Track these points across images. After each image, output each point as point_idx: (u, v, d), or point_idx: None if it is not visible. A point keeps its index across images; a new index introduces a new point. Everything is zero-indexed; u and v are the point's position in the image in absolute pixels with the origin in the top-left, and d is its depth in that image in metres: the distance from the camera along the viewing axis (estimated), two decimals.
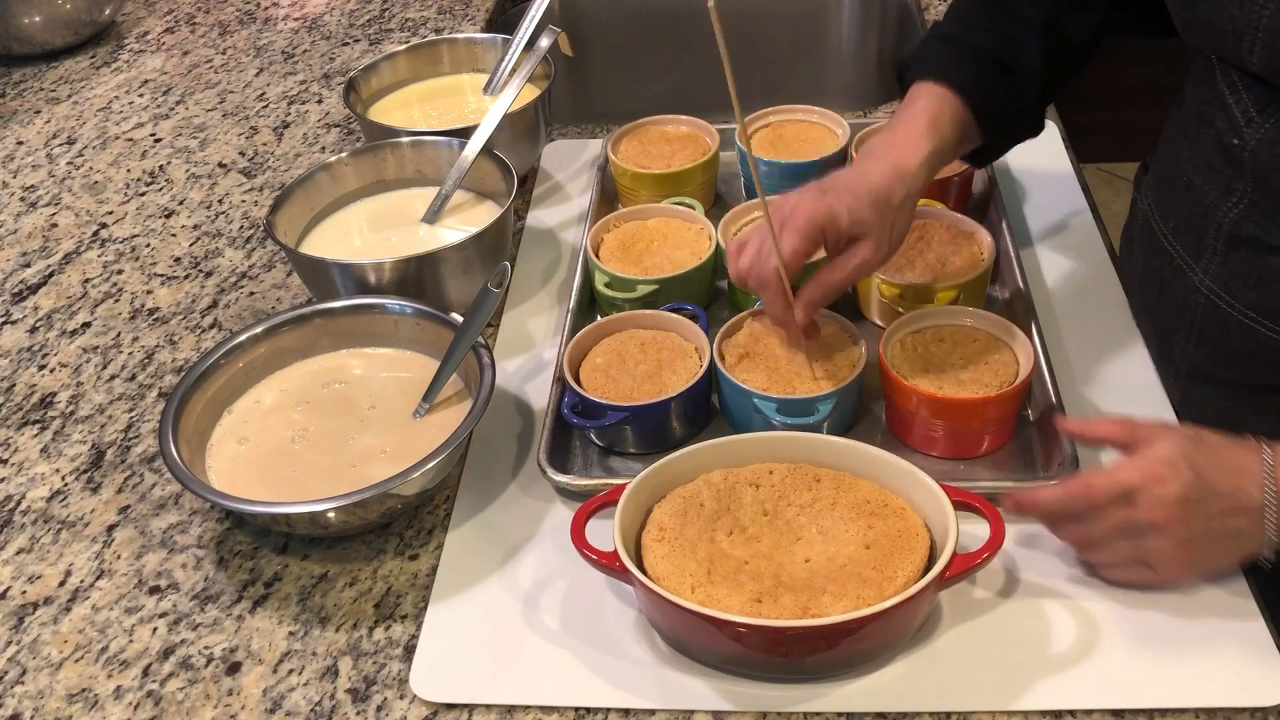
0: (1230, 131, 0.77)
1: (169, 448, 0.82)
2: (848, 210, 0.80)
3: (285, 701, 0.75)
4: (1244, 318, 0.80)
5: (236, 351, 0.91)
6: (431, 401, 0.89)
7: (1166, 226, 0.87)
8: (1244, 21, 0.73)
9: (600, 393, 0.89)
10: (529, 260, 1.12)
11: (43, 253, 1.20)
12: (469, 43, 1.30)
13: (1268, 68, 0.73)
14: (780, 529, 0.77)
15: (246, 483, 0.84)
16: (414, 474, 0.78)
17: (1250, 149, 0.76)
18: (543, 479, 0.87)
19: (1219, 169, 0.80)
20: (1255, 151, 0.75)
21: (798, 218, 0.80)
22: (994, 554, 0.72)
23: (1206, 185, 0.81)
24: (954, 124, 0.85)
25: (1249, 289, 0.79)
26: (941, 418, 0.85)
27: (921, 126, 0.84)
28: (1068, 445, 0.83)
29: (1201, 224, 0.82)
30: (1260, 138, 0.75)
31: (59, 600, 0.83)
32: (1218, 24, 0.75)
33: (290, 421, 0.90)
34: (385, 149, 1.10)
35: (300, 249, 1.04)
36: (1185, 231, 0.84)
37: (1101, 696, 0.71)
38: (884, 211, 0.82)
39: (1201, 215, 0.82)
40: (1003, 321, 0.90)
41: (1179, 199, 0.85)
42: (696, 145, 1.16)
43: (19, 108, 1.47)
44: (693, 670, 0.74)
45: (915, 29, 1.46)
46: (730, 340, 0.92)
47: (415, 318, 0.94)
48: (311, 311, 0.95)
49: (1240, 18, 0.73)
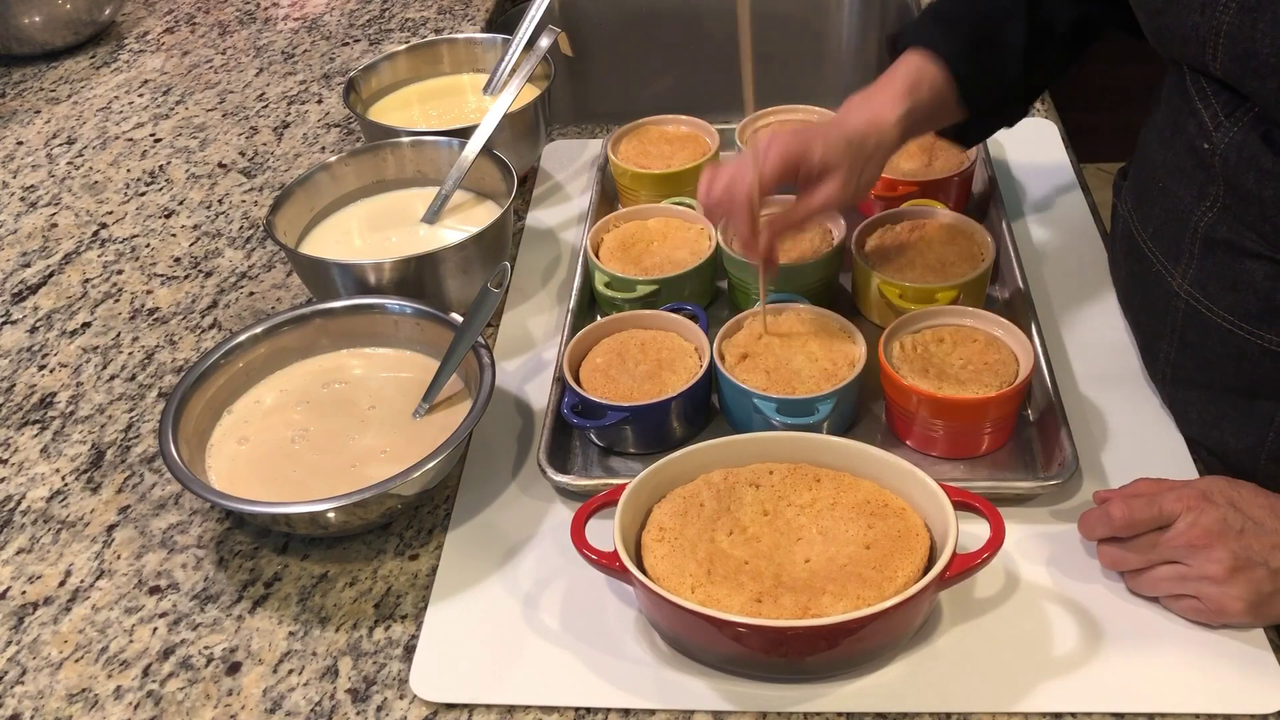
0: (1200, 136, 0.78)
1: (169, 448, 0.82)
2: (822, 145, 0.85)
3: (285, 701, 0.75)
4: (1223, 322, 0.80)
5: (236, 351, 0.91)
6: (431, 401, 0.89)
7: (1145, 232, 0.87)
8: (1206, 28, 0.73)
9: (600, 393, 0.89)
10: (529, 260, 1.12)
11: (43, 253, 1.20)
12: (469, 43, 1.30)
13: (1230, 72, 0.74)
14: (780, 529, 0.77)
15: (246, 483, 0.84)
16: (414, 474, 0.78)
17: (1220, 153, 0.76)
18: (543, 479, 0.87)
19: (1192, 174, 0.80)
20: (1225, 155, 0.76)
21: (773, 148, 0.85)
22: (994, 554, 0.72)
23: (1181, 190, 0.82)
24: (932, 90, 0.89)
25: (1226, 293, 0.80)
26: (941, 418, 0.85)
27: (901, 87, 0.89)
28: (1068, 446, 0.83)
29: (1178, 229, 0.82)
30: (1229, 141, 0.75)
31: (59, 600, 0.83)
32: (1181, 32, 0.76)
33: (290, 421, 0.90)
34: (385, 149, 1.10)
35: (300, 249, 1.04)
36: (1163, 237, 0.85)
37: (1101, 699, 0.71)
38: (856, 153, 0.86)
39: (1178, 220, 0.82)
40: (1003, 321, 0.90)
41: (1155, 204, 0.86)
42: (696, 145, 1.16)
43: (19, 108, 1.47)
44: (693, 670, 0.74)
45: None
46: (730, 340, 0.92)
47: (415, 318, 0.94)
48: (311, 311, 0.95)
49: (1202, 25, 0.73)
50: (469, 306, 0.89)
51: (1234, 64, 0.73)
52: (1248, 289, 0.78)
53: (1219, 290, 0.80)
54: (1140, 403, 0.90)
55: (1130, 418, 0.89)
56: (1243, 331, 0.79)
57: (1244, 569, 0.71)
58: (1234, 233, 0.78)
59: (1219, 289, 0.80)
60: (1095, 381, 0.92)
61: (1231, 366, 0.81)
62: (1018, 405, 0.87)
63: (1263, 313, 0.78)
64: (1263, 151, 0.74)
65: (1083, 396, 0.91)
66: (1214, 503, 0.73)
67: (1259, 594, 0.71)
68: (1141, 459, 0.86)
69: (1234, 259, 0.78)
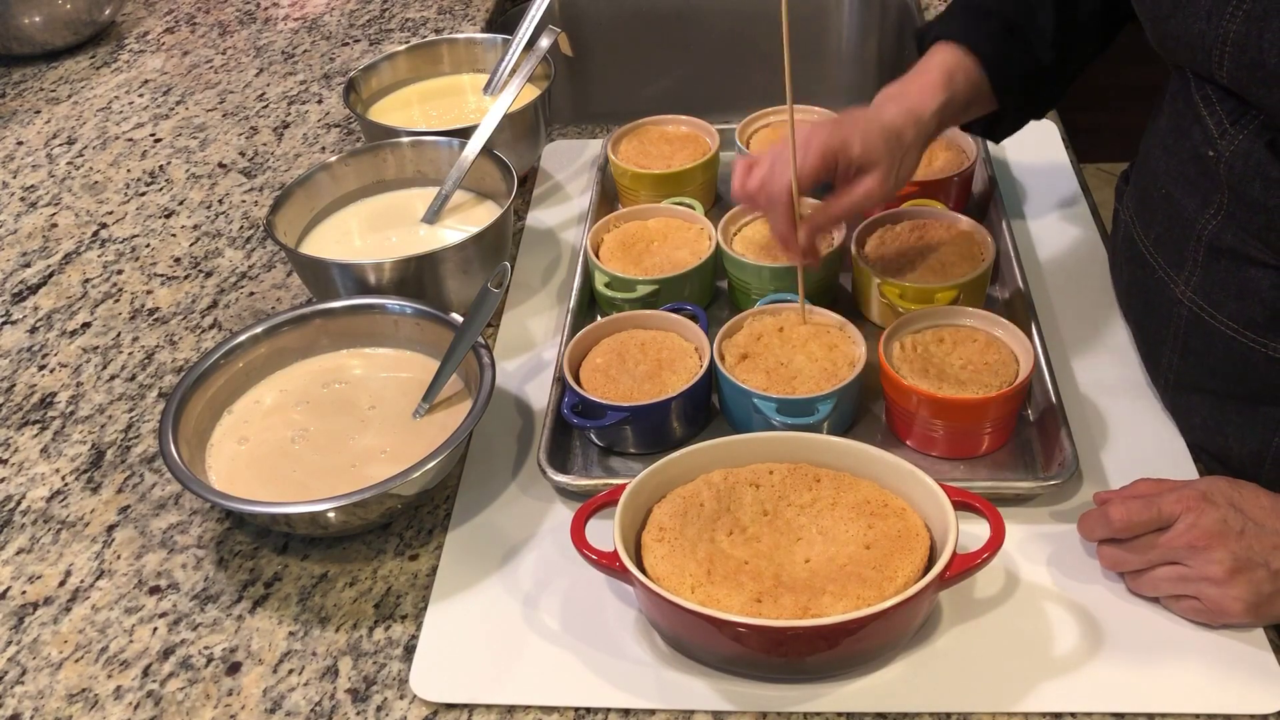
0: (1205, 144, 0.78)
1: (169, 448, 0.82)
2: (861, 139, 0.86)
3: (285, 701, 0.75)
4: (1226, 329, 0.80)
5: (236, 351, 0.91)
6: (431, 401, 0.89)
7: (1148, 239, 0.87)
8: (1211, 36, 0.73)
9: (600, 393, 0.89)
10: (529, 260, 1.12)
11: (43, 253, 1.20)
12: (469, 43, 1.30)
13: (1236, 81, 0.73)
14: (780, 529, 0.77)
15: (247, 483, 0.84)
16: (414, 474, 0.78)
17: (1225, 161, 0.76)
18: (543, 479, 0.87)
19: (1196, 181, 0.80)
20: (1230, 163, 0.76)
21: (813, 141, 0.86)
22: (994, 554, 0.72)
23: (1185, 197, 0.82)
24: (967, 81, 0.90)
25: (1230, 300, 0.79)
26: (941, 418, 0.85)
27: (937, 78, 0.90)
28: (1068, 446, 0.83)
29: (1181, 236, 0.82)
30: (1234, 149, 0.75)
31: (59, 600, 0.83)
32: (1187, 39, 0.76)
33: (290, 421, 0.90)
34: (385, 149, 1.10)
35: (300, 249, 1.04)
36: (1166, 244, 0.85)
37: (1101, 699, 0.71)
38: (894, 147, 0.87)
39: (1181, 227, 0.82)
40: (1003, 322, 0.90)
41: (1158, 211, 0.85)
42: (696, 145, 1.16)
43: (19, 108, 1.47)
44: (693, 670, 0.74)
45: (913, 27, 1.46)
46: (730, 340, 0.92)
47: (415, 318, 0.94)
48: (311, 311, 0.95)
49: (1208, 32, 0.73)
50: (469, 306, 0.89)
51: (1240, 72, 0.73)
52: (1253, 297, 0.78)
53: (1223, 298, 0.80)
54: (1140, 403, 0.90)
55: (1130, 418, 0.89)
56: (1247, 340, 0.79)
57: (1244, 570, 0.71)
58: (1239, 241, 0.78)
59: (1223, 297, 0.80)
60: (1095, 382, 0.92)
61: (1235, 374, 0.81)
62: (1018, 405, 0.87)
63: (1268, 321, 0.78)
64: (1269, 159, 0.73)
65: (1082, 397, 0.91)
66: (1214, 504, 0.72)
67: (1259, 594, 0.71)
68: (1141, 459, 0.86)
69: (1239, 267, 0.78)
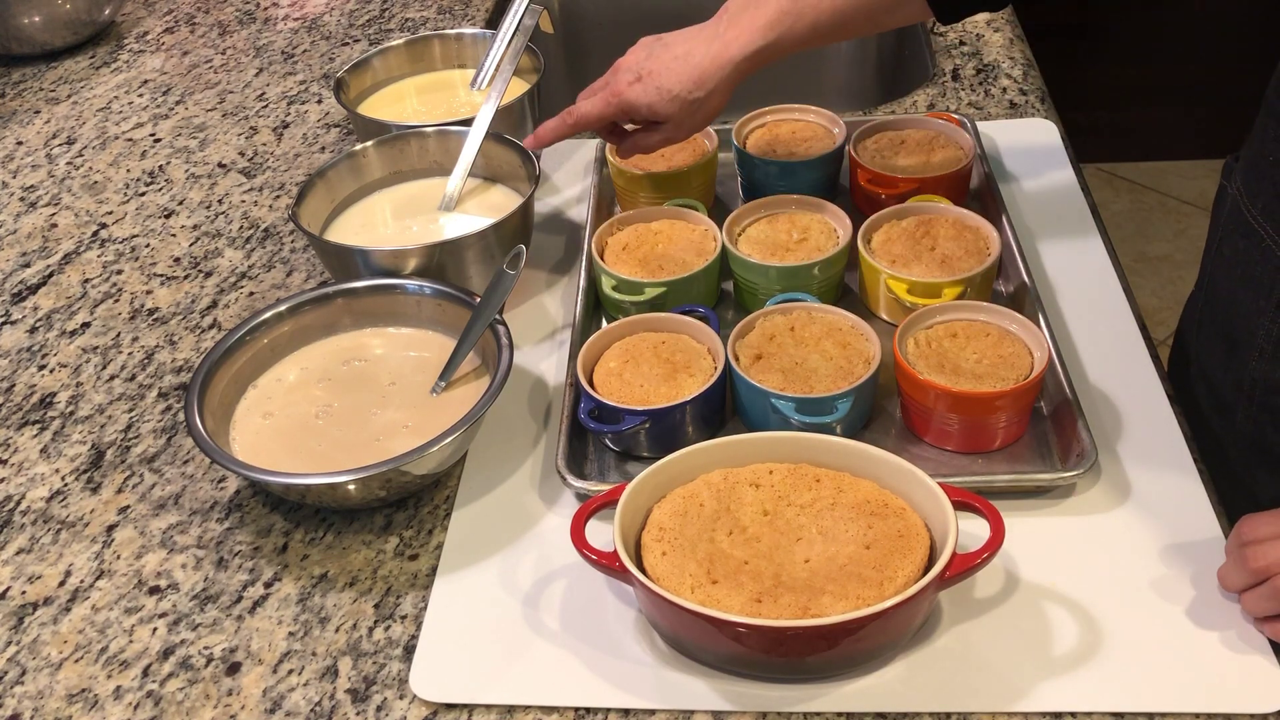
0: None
1: (194, 419, 0.83)
2: (647, 106, 0.96)
3: (285, 702, 0.75)
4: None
5: (261, 328, 0.93)
6: (449, 379, 0.91)
7: (1255, 208, 0.87)
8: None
9: (615, 397, 0.88)
10: (529, 262, 1.12)
11: (42, 253, 1.20)
12: (459, 38, 1.31)
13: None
14: (780, 529, 0.77)
15: (272, 454, 0.86)
16: (433, 447, 0.80)
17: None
18: (543, 480, 0.87)
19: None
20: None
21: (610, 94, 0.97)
22: (994, 554, 0.72)
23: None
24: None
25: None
26: (958, 412, 0.85)
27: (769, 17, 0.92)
28: (1085, 437, 0.83)
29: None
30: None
31: (59, 600, 0.83)
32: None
33: (313, 398, 0.91)
34: (408, 139, 1.12)
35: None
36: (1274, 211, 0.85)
37: (1101, 699, 0.71)
38: (682, 108, 0.95)
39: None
40: (1015, 315, 0.90)
41: (1265, 179, 0.86)
42: (695, 146, 1.16)
43: (19, 108, 1.47)
44: (693, 670, 0.74)
45: (915, 29, 1.46)
46: (743, 341, 0.92)
47: (435, 298, 0.95)
48: (335, 291, 0.96)
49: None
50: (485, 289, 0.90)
51: None
52: None
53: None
54: (1146, 397, 0.90)
55: (1140, 410, 0.89)
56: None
57: None
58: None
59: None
60: (1105, 375, 0.93)
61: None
62: (1033, 398, 0.87)
63: None
64: None
65: (1095, 390, 0.91)
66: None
67: None
68: (1153, 449, 0.86)
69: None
